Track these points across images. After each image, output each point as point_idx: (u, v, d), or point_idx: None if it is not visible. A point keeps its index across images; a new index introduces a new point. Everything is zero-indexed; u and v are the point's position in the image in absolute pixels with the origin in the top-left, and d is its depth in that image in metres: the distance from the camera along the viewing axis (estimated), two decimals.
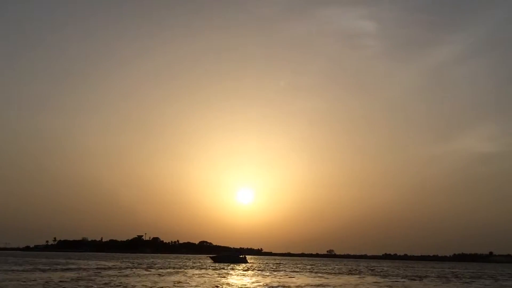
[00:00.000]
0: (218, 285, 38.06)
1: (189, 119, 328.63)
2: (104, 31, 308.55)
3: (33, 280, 38.41)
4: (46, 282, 37.18)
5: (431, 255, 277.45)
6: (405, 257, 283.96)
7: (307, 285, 42.24)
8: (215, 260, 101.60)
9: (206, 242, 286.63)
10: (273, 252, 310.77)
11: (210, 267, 72.85)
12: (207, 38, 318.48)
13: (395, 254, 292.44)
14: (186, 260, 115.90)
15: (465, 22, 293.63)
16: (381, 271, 77.72)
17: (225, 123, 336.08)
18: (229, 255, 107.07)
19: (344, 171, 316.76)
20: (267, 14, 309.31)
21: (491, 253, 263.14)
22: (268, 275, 56.29)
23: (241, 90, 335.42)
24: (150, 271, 57.47)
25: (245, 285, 40.42)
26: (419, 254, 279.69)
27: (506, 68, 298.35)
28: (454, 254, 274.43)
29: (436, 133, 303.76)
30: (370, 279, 54.83)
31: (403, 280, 54.47)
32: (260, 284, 41.95)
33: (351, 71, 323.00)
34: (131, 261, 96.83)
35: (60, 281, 38.03)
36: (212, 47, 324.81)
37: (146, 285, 36.99)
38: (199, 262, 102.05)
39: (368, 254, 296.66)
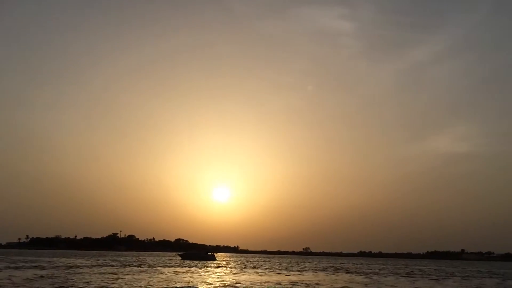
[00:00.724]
0: (170, 283, 37.79)
1: (166, 116, 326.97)
2: (81, 28, 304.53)
3: None
4: (10, 280, 36.45)
5: (405, 252, 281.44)
6: (380, 255, 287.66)
7: (269, 282, 42.27)
8: (183, 257, 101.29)
9: (182, 239, 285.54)
10: (250, 250, 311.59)
11: (177, 265, 72.40)
12: (185, 35, 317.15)
13: (370, 252, 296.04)
14: (156, 258, 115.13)
15: (441, 24, 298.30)
16: (356, 268, 78.46)
17: (201, 121, 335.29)
18: (197, 253, 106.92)
19: (321, 170, 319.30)
20: (246, 13, 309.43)
21: (463, 250, 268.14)
22: (236, 272, 56.30)
23: (219, 88, 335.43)
24: (111, 268, 56.94)
25: (207, 282, 40.31)
26: (393, 252, 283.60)
27: (480, 70, 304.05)
28: (427, 252, 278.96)
29: (411, 132, 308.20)
30: (337, 277, 55.27)
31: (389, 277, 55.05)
32: (226, 281, 41.88)
33: (329, 71, 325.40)
34: (103, 258, 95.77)
35: (24, 280, 37.40)
36: (190, 45, 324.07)
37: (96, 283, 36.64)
38: (169, 259, 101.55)
39: (344, 252, 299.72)
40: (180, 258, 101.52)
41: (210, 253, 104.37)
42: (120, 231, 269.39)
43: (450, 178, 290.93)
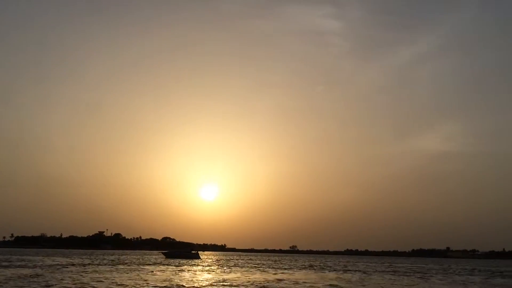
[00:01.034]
0: (149, 282, 37.65)
1: (153, 115, 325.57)
2: (68, 26, 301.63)
3: None
4: None
5: (391, 250, 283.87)
6: (366, 253, 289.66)
7: (252, 281, 42.37)
8: (167, 256, 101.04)
9: (169, 238, 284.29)
10: (237, 248, 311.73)
11: (160, 263, 72.12)
12: (173, 34, 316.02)
13: (357, 250, 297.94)
14: (139, 256, 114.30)
15: (428, 24, 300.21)
16: (343, 267, 78.86)
17: (189, 120, 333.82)
18: (181, 251, 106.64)
19: (308, 168, 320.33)
20: (233, 11, 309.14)
21: (448, 248, 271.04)
22: (219, 271, 56.30)
23: (206, 86, 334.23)
24: (88, 267, 56.63)
25: (191, 281, 40.29)
26: (380, 250, 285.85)
27: (466, 69, 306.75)
28: (413, 250, 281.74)
29: (399, 131, 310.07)
30: (322, 275, 55.51)
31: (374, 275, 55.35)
32: (208, 280, 41.87)
33: (316, 69, 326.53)
34: (87, 257, 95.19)
35: (6, 279, 37.08)
36: (177, 43, 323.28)
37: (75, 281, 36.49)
38: (154, 258, 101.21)
39: (331, 250, 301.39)
40: (164, 257, 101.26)
41: (194, 252, 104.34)
42: (107, 230, 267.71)
43: (436, 176, 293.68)
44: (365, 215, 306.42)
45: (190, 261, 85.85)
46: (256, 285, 36.89)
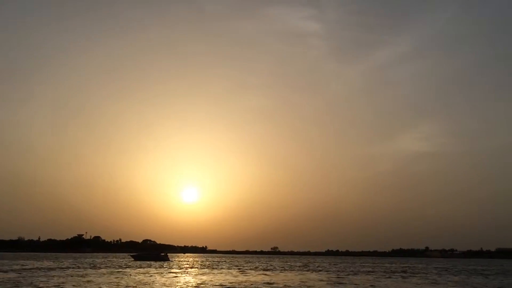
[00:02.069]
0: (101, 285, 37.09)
1: (134, 117, 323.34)
2: (50, 26, 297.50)
3: None
4: None
5: (371, 250, 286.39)
6: (347, 253, 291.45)
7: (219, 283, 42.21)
8: (136, 258, 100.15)
9: (149, 240, 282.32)
10: (218, 250, 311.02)
11: (127, 266, 70.99)
12: (155, 34, 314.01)
13: (337, 251, 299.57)
14: (108, 259, 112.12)
15: (407, 25, 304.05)
16: (318, 267, 79.13)
17: (170, 121, 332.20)
18: (150, 254, 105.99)
19: (289, 169, 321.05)
20: (215, 12, 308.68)
21: (427, 248, 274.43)
22: (188, 273, 55.98)
23: (186, 88, 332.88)
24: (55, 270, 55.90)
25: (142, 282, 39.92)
26: (360, 250, 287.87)
27: (444, 70, 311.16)
28: (393, 250, 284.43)
29: (379, 132, 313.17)
30: (286, 275, 55.56)
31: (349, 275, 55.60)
32: (169, 282, 41.55)
33: (297, 71, 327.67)
34: (60, 261, 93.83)
35: None
36: (159, 44, 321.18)
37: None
38: (122, 260, 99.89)
39: (312, 251, 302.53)
40: (132, 259, 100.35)
41: (163, 254, 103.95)
42: (86, 233, 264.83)
43: (415, 177, 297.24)
44: (346, 216, 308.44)
45: (162, 263, 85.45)
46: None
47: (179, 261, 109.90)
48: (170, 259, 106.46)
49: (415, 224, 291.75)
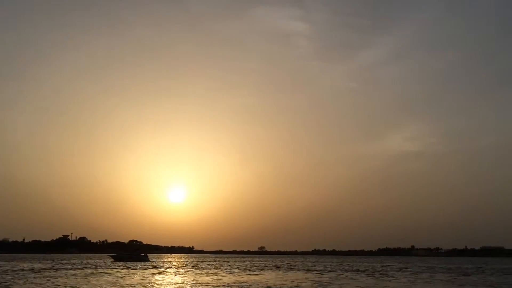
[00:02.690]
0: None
1: (120, 116, 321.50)
2: (35, 26, 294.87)
3: None
4: None
5: (358, 249, 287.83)
6: (334, 252, 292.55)
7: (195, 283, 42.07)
8: (116, 259, 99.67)
9: (136, 241, 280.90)
10: (205, 250, 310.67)
11: (107, 267, 70.39)
12: (141, 34, 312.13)
13: (324, 250, 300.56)
14: (88, 260, 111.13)
15: (393, 26, 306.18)
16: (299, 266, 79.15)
17: (156, 121, 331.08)
18: (129, 254, 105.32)
19: (276, 169, 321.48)
20: (201, 12, 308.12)
21: (413, 247, 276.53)
22: (165, 273, 55.76)
23: (174, 87, 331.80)
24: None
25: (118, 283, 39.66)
26: (347, 249, 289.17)
27: (430, 70, 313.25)
28: (379, 249, 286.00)
29: (366, 132, 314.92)
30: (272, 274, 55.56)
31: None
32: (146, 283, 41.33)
33: (283, 70, 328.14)
34: (41, 262, 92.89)
35: None
36: (146, 44, 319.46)
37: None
38: (102, 261, 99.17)
39: (299, 251, 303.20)
40: (112, 260, 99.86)
41: (142, 254, 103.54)
42: (71, 233, 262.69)
43: (401, 176, 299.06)
44: (333, 215, 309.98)
45: (142, 264, 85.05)
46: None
47: (161, 261, 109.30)
48: (150, 260, 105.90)
49: (402, 223, 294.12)
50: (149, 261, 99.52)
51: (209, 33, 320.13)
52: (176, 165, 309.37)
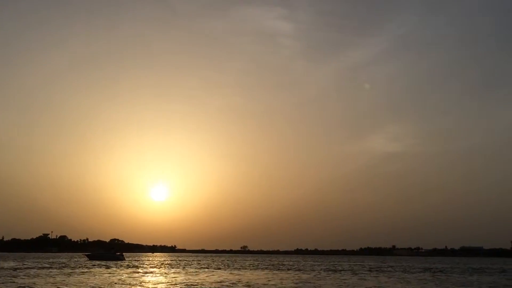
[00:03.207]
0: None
1: (103, 114, 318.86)
2: (14, 25, 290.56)
3: None
4: None
5: (340, 249, 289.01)
6: (316, 252, 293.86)
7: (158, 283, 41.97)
8: (90, 258, 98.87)
9: (117, 239, 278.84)
10: (187, 249, 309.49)
11: (80, 266, 69.72)
12: (124, 32, 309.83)
13: (307, 249, 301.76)
14: (63, 259, 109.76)
15: (378, 26, 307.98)
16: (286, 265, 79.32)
17: (139, 119, 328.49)
18: (104, 253, 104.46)
19: (259, 168, 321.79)
20: (187, 10, 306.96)
21: (394, 246, 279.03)
22: (137, 273, 55.54)
23: (157, 86, 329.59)
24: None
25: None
26: (329, 249, 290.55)
27: (416, 71, 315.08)
28: (361, 248, 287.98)
29: (350, 132, 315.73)
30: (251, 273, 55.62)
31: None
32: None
33: (269, 70, 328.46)
34: (17, 261, 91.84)
35: None
36: (129, 42, 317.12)
37: None
38: (76, 260, 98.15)
39: (281, 250, 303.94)
40: (87, 259, 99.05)
41: (118, 253, 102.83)
42: (52, 232, 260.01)
43: (383, 177, 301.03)
44: (315, 215, 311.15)
45: (117, 263, 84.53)
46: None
47: (137, 260, 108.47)
48: (126, 259, 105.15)
49: (383, 223, 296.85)
50: (125, 260, 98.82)
51: (194, 32, 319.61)
52: (159, 164, 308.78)
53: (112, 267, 68.39)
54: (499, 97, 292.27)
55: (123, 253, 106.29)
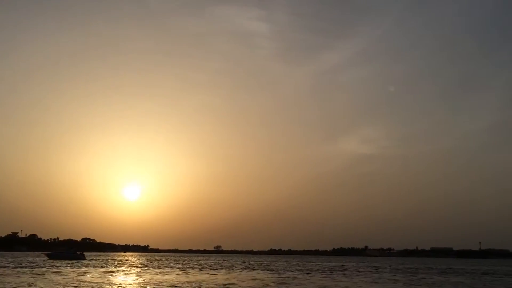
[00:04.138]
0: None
1: (75, 113, 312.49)
2: None
3: None
4: None
5: (313, 249, 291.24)
6: (289, 252, 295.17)
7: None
8: (50, 257, 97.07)
9: (89, 239, 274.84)
10: (160, 248, 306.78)
11: (38, 266, 68.03)
12: (98, 29, 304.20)
13: (280, 249, 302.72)
14: (21, 258, 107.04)
15: (354, 28, 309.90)
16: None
17: (113, 118, 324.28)
18: (65, 252, 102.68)
19: (234, 168, 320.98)
20: (162, 9, 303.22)
21: (366, 247, 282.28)
22: (95, 272, 54.64)
23: (131, 84, 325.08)
24: None
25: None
26: (302, 249, 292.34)
27: (390, 74, 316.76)
28: (334, 249, 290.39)
29: (325, 133, 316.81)
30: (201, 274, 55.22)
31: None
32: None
33: (245, 70, 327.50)
34: None
35: None
36: (103, 40, 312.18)
37: None
38: (36, 259, 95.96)
39: (255, 250, 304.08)
40: (47, 258, 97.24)
41: (79, 252, 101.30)
42: (21, 231, 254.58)
43: (357, 178, 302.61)
44: (289, 215, 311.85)
45: (77, 262, 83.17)
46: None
47: (99, 260, 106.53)
48: (87, 258, 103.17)
49: (356, 224, 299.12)
50: (85, 259, 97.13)
51: (169, 30, 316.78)
52: (133, 163, 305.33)
53: (59, 266, 66.73)
54: (474, 99, 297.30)
55: (84, 252, 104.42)
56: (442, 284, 46.55)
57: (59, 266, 65.81)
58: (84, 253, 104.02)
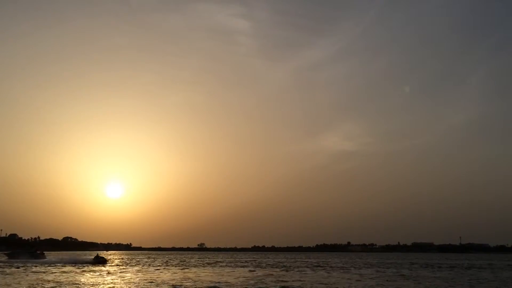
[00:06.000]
0: None
1: (56, 111, 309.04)
2: None
3: None
4: None
5: (297, 246, 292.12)
6: (273, 249, 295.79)
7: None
8: (10, 256, 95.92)
9: (70, 238, 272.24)
10: (143, 247, 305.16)
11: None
12: (78, 25, 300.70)
13: (263, 246, 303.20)
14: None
15: (335, 25, 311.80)
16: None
17: (94, 115, 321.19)
18: (25, 251, 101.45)
19: (217, 166, 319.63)
20: (143, 5, 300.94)
21: (349, 243, 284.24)
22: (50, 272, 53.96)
23: (112, 81, 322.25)
24: None
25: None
26: (285, 246, 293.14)
27: (371, 71, 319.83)
28: (317, 245, 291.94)
29: (306, 130, 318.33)
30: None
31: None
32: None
33: (226, 67, 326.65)
34: None
35: None
36: (83, 36, 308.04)
37: None
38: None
39: (238, 247, 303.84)
40: (6, 258, 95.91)
41: (38, 252, 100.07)
42: (1, 230, 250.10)
43: (338, 174, 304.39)
44: (272, 212, 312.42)
45: (36, 262, 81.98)
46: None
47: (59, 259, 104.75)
48: (47, 257, 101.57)
49: (339, 220, 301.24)
50: (45, 258, 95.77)
51: (149, 26, 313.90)
52: (115, 160, 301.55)
53: (11, 267, 65.53)
54: (453, 96, 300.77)
55: (44, 252, 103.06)
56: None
57: (11, 267, 64.59)
58: (44, 252, 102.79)
